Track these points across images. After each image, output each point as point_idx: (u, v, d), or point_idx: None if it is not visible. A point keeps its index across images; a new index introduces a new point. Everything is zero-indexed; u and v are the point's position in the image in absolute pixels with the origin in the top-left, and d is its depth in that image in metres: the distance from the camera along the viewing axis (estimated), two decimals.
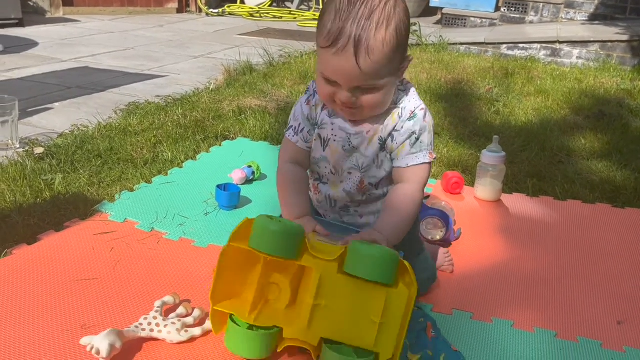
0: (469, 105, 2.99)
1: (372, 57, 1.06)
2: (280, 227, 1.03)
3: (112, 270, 1.38)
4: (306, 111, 1.26)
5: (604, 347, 1.23)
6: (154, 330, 1.12)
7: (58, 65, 3.56)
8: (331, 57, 1.08)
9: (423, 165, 1.20)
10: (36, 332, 1.15)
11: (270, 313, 1.09)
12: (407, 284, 1.02)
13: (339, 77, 1.10)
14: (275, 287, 1.10)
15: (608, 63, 4.21)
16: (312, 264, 1.05)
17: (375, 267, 1.00)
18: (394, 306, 1.02)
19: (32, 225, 1.55)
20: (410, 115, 1.19)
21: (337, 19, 1.07)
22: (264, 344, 1.07)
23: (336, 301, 1.04)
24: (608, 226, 1.79)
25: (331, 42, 1.07)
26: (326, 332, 1.05)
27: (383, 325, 1.02)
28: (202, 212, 1.71)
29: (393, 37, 1.08)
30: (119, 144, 2.15)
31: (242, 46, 4.40)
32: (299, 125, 1.26)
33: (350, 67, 1.07)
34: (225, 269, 1.08)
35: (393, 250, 1.03)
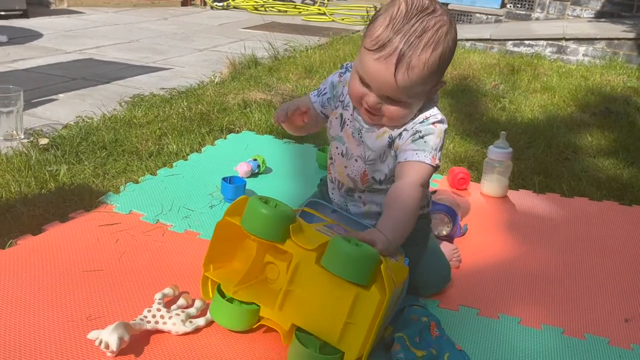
0: (474, 101, 2.98)
1: (410, 75, 1.09)
2: (269, 211, 1.06)
3: (117, 261, 1.38)
4: (335, 80, 1.32)
5: (611, 344, 1.22)
6: (158, 322, 1.12)
7: (62, 56, 3.55)
8: (372, 61, 1.10)
9: (424, 165, 1.19)
10: (41, 322, 1.14)
11: (253, 291, 1.12)
12: (381, 289, 1.01)
13: (373, 82, 1.13)
14: (274, 268, 1.14)
15: (614, 61, 4.18)
16: (292, 249, 1.07)
17: (349, 265, 0.99)
18: (363, 308, 1.01)
19: (37, 215, 1.54)
20: (423, 120, 1.21)
21: (390, 27, 1.09)
22: (240, 317, 1.12)
23: (310, 291, 1.06)
24: (615, 224, 1.78)
25: (377, 48, 1.09)
26: (297, 319, 1.07)
27: (351, 325, 1.02)
28: (208, 205, 1.70)
29: (436, 61, 1.11)
30: (124, 136, 2.14)
31: (247, 40, 4.39)
32: (324, 89, 1.33)
33: (387, 77, 1.10)
34: (219, 240, 1.14)
35: (374, 253, 1.01)
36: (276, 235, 1.07)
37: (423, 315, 1.19)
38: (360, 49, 1.15)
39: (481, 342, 1.20)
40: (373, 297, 1.00)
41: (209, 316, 1.16)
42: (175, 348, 1.10)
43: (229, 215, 1.12)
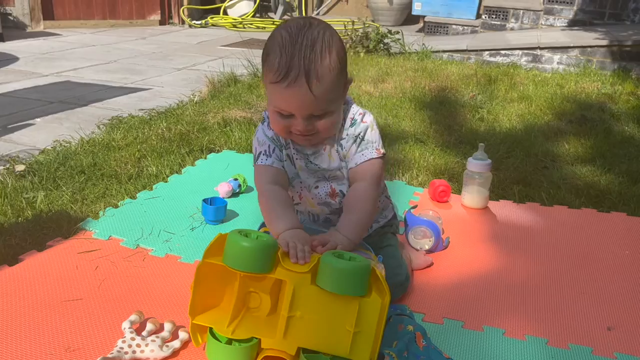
0: (453, 113, 3.01)
1: (323, 83, 1.13)
2: (252, 243, 1.05)
3: (97, 289, 1.36)
4: (270, 134, 1.30)
5: (595, 353, 1.23)
6: (136, 351, 1.11)
7: (39, 79, 3.52)
8: (284, 90, 1.14)
9: (372, 161, 1.26)
10: (19, 355, 1.12)
11: (249, 324, 1.11)
12: (380, 292, 1.04)
13: (294, 108, 1.16)
14: (255, 296, 1.12)
15: (588, 68, 4.26)
16: (285, 276, 1.06)
17: (345, 281, 1.02)
18: (367, 315, 1.04)
19: (13, 245, 1.51)
20: (351, 122, 1.28)
21: (284, 55, 1.13)
22: (243, 356, 1.09)
23: (311, 312, 1.06)
24: (594, 231, 1.80)
25: (282, 77, 1.12)
26: (303, 342, 1.07)
27: (358, 334, 1.04)
28: (189, 227, 1.69)
29: (336, 61, 1.16)
30: (103, 159, 2.12)
31: (226, 57, 4.39)
32: (269, 147, 1.29)
33: (303, 96, 1.13)
34: (201, 283, 1.11)
35: (365, 262, 1.04)
36: (264, 267, 1.05)
37: (409, 324, 1.19)
38: (267, 87, 1.19)
39: (466, 355, 1.20)
40: (375, 303, 1.03)
41: (182, 337, 1.16)
42: None
43: (208, 257, 1.09)
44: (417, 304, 1.36)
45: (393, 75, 3.78)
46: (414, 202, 1.93)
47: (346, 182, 1.32)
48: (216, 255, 1.09)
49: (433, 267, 1.55)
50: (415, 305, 1.36)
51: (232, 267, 1.05)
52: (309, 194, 1.34)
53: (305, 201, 1.36)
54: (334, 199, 1.33)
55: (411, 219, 1.64)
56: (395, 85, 3.50)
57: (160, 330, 1.18)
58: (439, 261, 1.58)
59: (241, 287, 1.10)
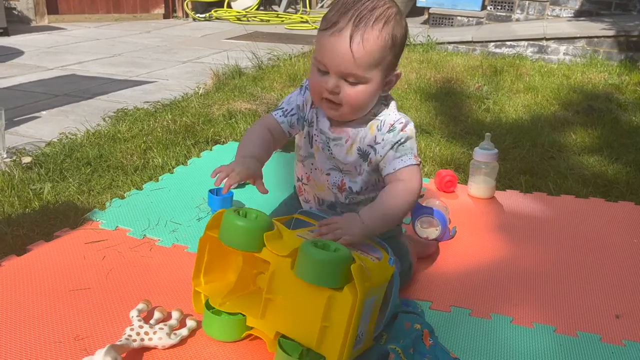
0: (459, 104, 3.00)
1: (366, 46, 1.11)
2: (243, 222, 1.07)
3: (105, 279, 1.36)
4: (300, 101, 1.30)
5: (603, 341, 1.22)
6: (144, 339, 1.11)
7: (44, 73, 3.53)
8: (328, 38, 1.13)
9: (411, 167, 1.21)
10: (28, 344, 1.12)
11: (240, 301, 1.13)
12: (353, 290, 0.99)
13: (330, 60, 1.13)
14: (264, 277, 1.13)
15: (595, 58, 4.23)
16: (269, 257, 1.07)
17: (316, 270, 0.99)
18: (338, 310, 1.00)
19: (21, 235, 1.52)
20: (390, 128, 1.23)
21: (341, 7, 1.13)
22: (230, 329, 1.13)
23: (287, 297, 1.06)
24: (602, 220, 1.79)
25: (330, 25, 1.12)
26: (279, 326, 1.07)
27: (328, 329, 1.02)
28: (195, 218, 1.69)
29: (388, 36, 1.13)
30: (109, 151, 2.13)
31: (230, 50, 4.39)
32: (291, 110, 1.29)
33: (343, 49, 1.11)
34: (205, 254, 1.15)
35: (343, 255, 1.00)
36: (251, 245, 1.07)
37: (416, 322, 1.18)
38: (317, 38, 1.18)
39: (474, 342, 1.20)
40: (346, 299, 0.99)
41: (190, 325, 1.17)
42: None
43: (210, 230, 1.13)
44: (424, 293, 1.36)
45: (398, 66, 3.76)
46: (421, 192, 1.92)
47: (359, 181, 1.28)
48: (217, 228, 1.12)
49: (440, 256, 1.54)
50: (422, 294, 1.36)
51: (223, 242, 1.09)
52: (318, 177, 1.32)
53: (313, 183, 1.35)
54: (341, 193, 1.31)
55: (418, 208, 1.63)
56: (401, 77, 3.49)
57: (168, 319, 1.18)
58: (446, 250, 1.57)
59: (246, 265, 1.13)
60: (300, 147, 1.34)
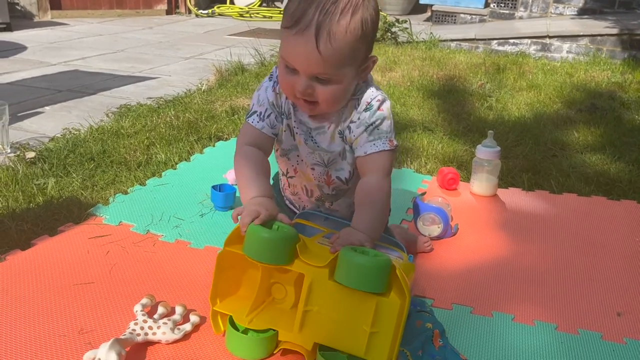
0: (461, 101, 3.00)
1: (333, 43, 1.03)
2: (271, 235, 1.02)
3: (108, 273, 1.37)
4: (271, 97, 1.21)
5: (605, 339, 1.23)
6: (148, 333, 1.12)
7: (47, 69, 3.53)
8: (292, 38, 1.04)
9: (383, 153, 1.16)
10: (32, 338, 1.13)
11: (268, 316, 1.09)
12: (400, 294, 0.99)
13: (298, 62, 1.06)
14: (280, 287, 1.11)
15: (598, 57, 4.23)
16: (303, 269, 1.03)
17: (364, 277, 0.98)
18: (385, 316, 0.99)
19: (25, 230, 1.53)
20: (367, 107, 1.18)
21: (303, 1, 1.03)
22: (259, 347, 1.08)
23: (328, 307, 1.03)
24: (604, 219, 1.79)
25: (293, 22, 1.03)
26: (319, 338, 1.04)
27: (375, 335, 1.01)
28: (198, 214, 1.69)
29: (358, 26, 1.04)
30: (112, 147, 2.13)
31: (233, 46, 4.39)
32: (265, 111, 1.20)
33: (309, 50, 1.03)
34: (223, 271, 1.09)
35: (387, 260, 1.00)
36: (283, 258, 1.03)
37: (428, 321, 1.18)
38: (281, 33, 1.09)
39: (475, 340, 1.20)
40: (393, 304, 0.98)
41: (193, 321, 1.16)
42: (170, 356, 1.09)
43: (229, 245, 1.08)
44: (426, 290, 1.37)
45: (401, 64, 3.76)
46: (422, 190, 1.92)
47: (346, 168, 1.25)
48: (237, 243, 1.07)
49: (442, 254, 1.55)
50: (424, 291, 1.36)
51: (250, 258, 1.03)
52: (305, 170, 1.28)
53: (301, 175, 1.30)
54: (328, 185, 1.29)
55: (420, 205, 1.64)
56: (403, 74, 3.49)
57: (172, 314, 1.19)
58: (448, 248, 1.58)
59: (264, 278, 1.09)
60: (281, 141, 1.26)
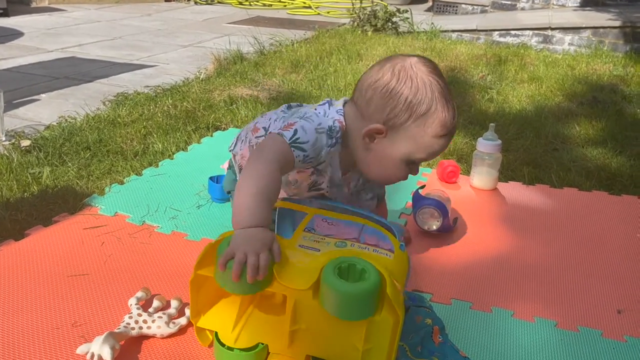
0: (462, 93, 2.97)
1: None
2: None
3: (103, 265, 1.35)
4: (325, 153, 1.14)
5: (605, 336, 1.21)
6: (142, 327, 1.10)
7: (44, 55, 3.49)
8: (443, 143, 1.14)
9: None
10: (25, 330, 1.11)
11: (254, 328, 1.03)
12: (392, 312, 0.94)
13: (432, 157, 1.18)
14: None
15: (600, 49, 4.20)
16: (284, 291, 0.96)
17: (348, 307, 0.91)
18: (378, 333, 0.96)
19: (19, 220, 1.50)
20: None
21: (451, 110, 1.11)
22: None
23: (316, 324, 0.98)
24: (605, 214, 1.78)
25: (448, 133, 1.13)
26: (310, 350, 1.01)
27: (369, 350, 0.97)
28: (195, 205, 1.67)
29: None
30: (108, 136, 2.11)
31: (232, 35, 4.34)
32: (311, 159, 1.13)
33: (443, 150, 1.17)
34: (197, 291, 1.02)
35: (373, 285, 0.92)
36: (256, 287, 0.94)
37: (427, 317, 1.16)
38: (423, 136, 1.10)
39: (474, 336, 1.19)
40: (386, 323, 0.94)
41: (188, 314, 1.13)
42: (165, 350, 1.08)
43: (200, 268, 0.99)
44: (425, 285, 1.35)
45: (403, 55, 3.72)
46: (422, 183, 1.90)
47: None
48: (208, 265, 0.99)
49: (441, 248, 1.53)
50: (422, 286, 1.35)
51: (221, 286, 0.96)
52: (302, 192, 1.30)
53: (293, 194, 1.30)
54: None
55: (419, 199, 1.62)
56: None
57: (167, 307, 1.17)
58: (447, 242, 1.56)
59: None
60: (296, 185, 1.25)
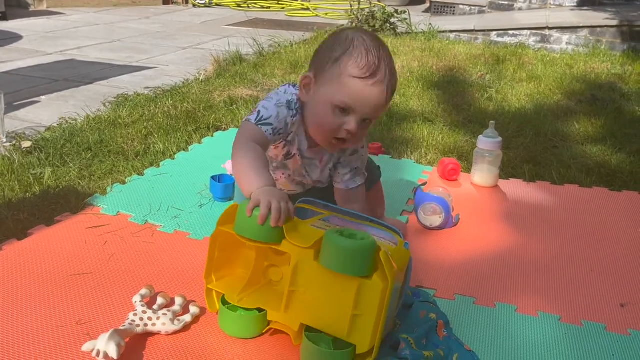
0: (461, 92, 2.98)
1: (390, 96, 1.21)
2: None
3: (106, 264, 1.35)
4: (290, 121, 1.26)
5: (608, 330, 1.22)
6: (147, 324, 1.10)
7: (43, 58, 3.49)
8: (367, 87, 1.16)
9: (361, 187, 1.40)
10: (29, 329, 1.11)
11: (258, 296, 1.11)
12: (383, 277, 0.98)
13: (363, 107, 1.17)
14: (277, 270, 1.12)
15: (598, 48, 4.21)
16: (290, 249, 1.04)
17: (344, 259, 0.98)
18: (368, 298, 0.99)
19: (22, 220, 1.50)
20: (353, 151, 1.35)
21: (372, 55, 1.16)
22: (249, 325, 1.11)
23: (313, 288, 1.04)
24: (606, 209, 1.78)
25: (370, 74, 1.15)
26: (304, 318, 1.05)
27: (358, 317, 1.00)
28: (197, 204, 1.67)
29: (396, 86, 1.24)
30: (109, 137, 2.11)
31: (231, 36, 4.35)
32: (280, 129, 1.24)
33: (381, 100, 1.18)
34: (216, 251, 1.12)
35: (370, 243, 0.99)
36: (271, 237, 1.03)
37: (432, 312, 1.17)
38: (340, 77, 1.17)
39: (478, 331, 1.19)
40: (376, 286, 0.98)
41: (193, 312, 1.15)
42: (170, 347, 1.08)
43: (222, 225, 1.09)
44: (428, 281, 1.35)
45: (400, 55, 3.74)
46: (423, 181, 1.91)
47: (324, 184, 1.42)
48: (229, 223, 1.09)
49: (444, 244, 1.54)
50: (426, 282, 1.35)
51: (240, 235, 1.04)
52: (289, 179, 1.39)
53: (279, 182, 1.39)
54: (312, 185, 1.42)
55: (421, 195, 1.62)
56: (403, 65, 3.46)
57: (171, 305, 1.17)
58: (449, 238, 1.57)
59: (259, 259, 1.10)
60: (273, 159, 1.34)
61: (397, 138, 2.29)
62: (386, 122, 2.43)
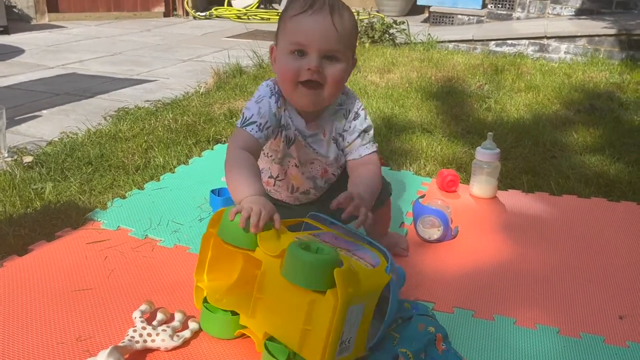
0: (460, 103, 2.99)
1: (344, 22, 1.19)
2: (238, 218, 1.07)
3: (107, 279, 1.36)
4: (275, 108, 1.28)
5: (607, 342, 1.22)
6: (147, 340, 1.11)
7: (45, 72, 3.52)
8: (307, 19, 1.18)
9: (374, 154, 1.35)
10: (30, 345, 1.12)
11: (235, 299, 1.14)
12: (335, 295, 0.96)
13: (315, 39, 1.18)
14: None
15: (596, 57, 4.23)
16: (261, 257, 1.07)
17: (301, 272, 0.99)
18: (320, 313, 0.98)
19: (22, 235, 1.51)
20: (355, 115, 1.35)
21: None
22: (225, 326, 1.14)
23: (274, 297, 1.06)
24: (605, 220, 1.79)
25: (307, 6, 1.18)
26: (267, 327, 1.07)
27: (310, 332, 0.99)
28: (197, 218, 1.68)
29: (353, 17, 1.24)
30: (110, 151, 2.12)
31: (231, 49, 4.38)
32: (266, 123, 1.26)
33: (327, 26, 1.17)
34: (206, 251, 1.17)
35: (329, 259, 0.98)
36: (247, 242, 1.08)
37: (430, 325, 1.17)
38: (285, 25, 1.22)
39: (477, 344, 1.20)
40: (327, 303, 0.96)
41: (193, 327, 1.17)
42: None
43: (212, 227, 1.14)
44: (426, 294, 1.36)
45: (399, 65, 3.76)
46: (422, 192, 1.92)
47: (340, 170, 1.40)
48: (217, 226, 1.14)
49: (442, 257, 1.54)
50: (425, 295, 1.35)
51: (221, 238, 1.10)
52: (299, 169, 1.37)
53: (290, 176, 1.39)
54: (321, 177, 1.40)
55: (419, 208, 1.63)
56: (401, 76, 3.48)
57: (171, 320, 1.18)
58: (448, 251, 1.57)
59: (246, 266, 1.12)
60: (277, 151, 1.34)
61: (395, 149, 2.30)
62: (385, 134, 2.44)
